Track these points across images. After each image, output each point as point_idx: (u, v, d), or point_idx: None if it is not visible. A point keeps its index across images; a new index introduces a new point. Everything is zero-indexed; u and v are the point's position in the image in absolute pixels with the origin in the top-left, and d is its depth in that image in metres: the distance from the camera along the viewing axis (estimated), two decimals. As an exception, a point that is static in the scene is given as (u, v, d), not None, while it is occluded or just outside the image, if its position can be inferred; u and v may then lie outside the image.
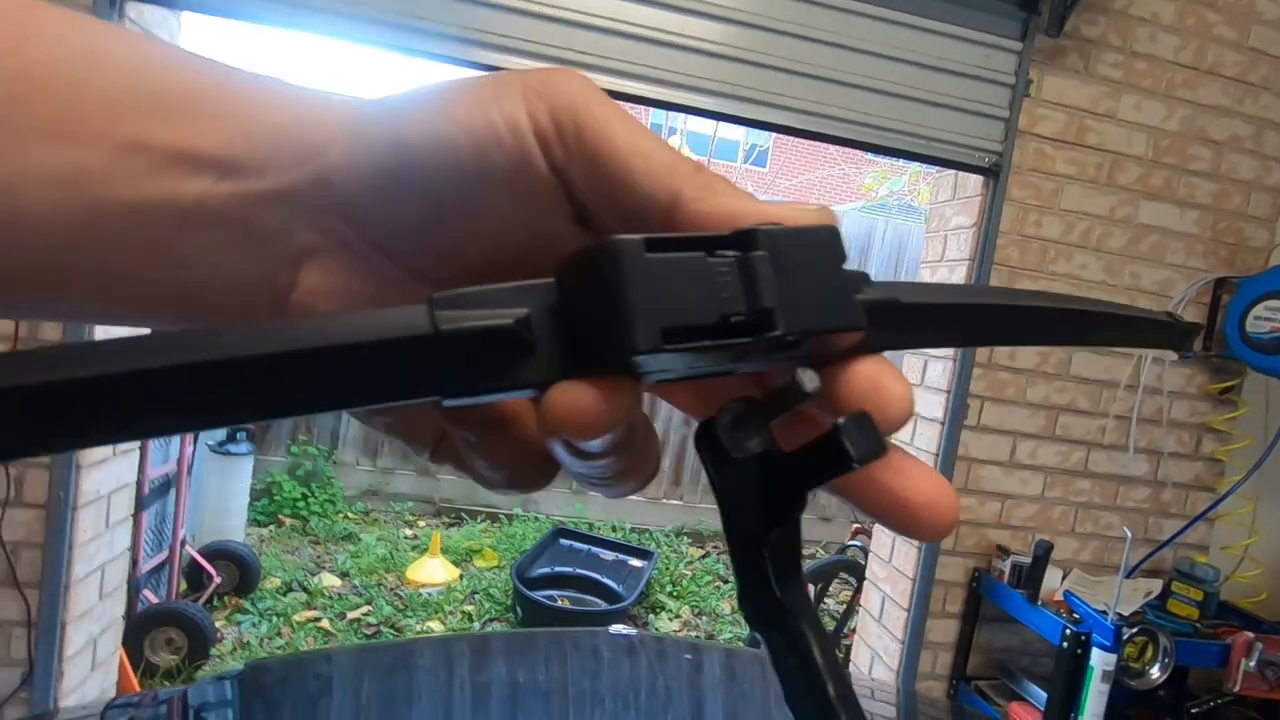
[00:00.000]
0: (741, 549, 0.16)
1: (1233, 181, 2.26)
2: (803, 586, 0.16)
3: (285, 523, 4.01)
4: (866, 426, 0.15)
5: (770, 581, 0.16)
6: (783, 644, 0.16)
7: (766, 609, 0.16)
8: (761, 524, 0.16)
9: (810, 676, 0.15)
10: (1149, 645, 1.79)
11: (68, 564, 1.71)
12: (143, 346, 0.12)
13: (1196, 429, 2.31)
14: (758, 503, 0.16)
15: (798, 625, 0.16)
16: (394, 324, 0.14)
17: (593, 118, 0.18)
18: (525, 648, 1.29)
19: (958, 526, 2.13)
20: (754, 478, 0.16)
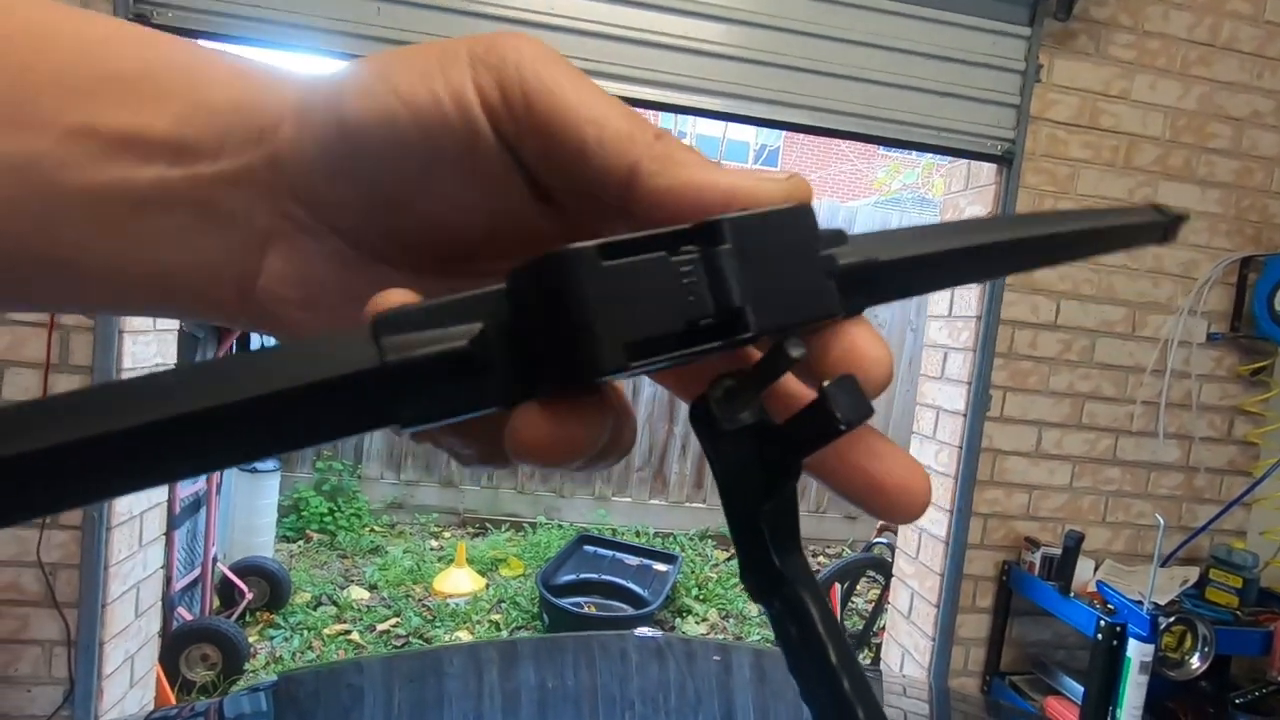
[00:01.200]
0: (740, 522, 0.16)
1: (1255, 158, 2.22)
2: (801, 556, 0.16)
3: (313, 538, 4.06)
4: (851, 389, 0.15)
5: (769, 552, 0.16)
6: (784, 613, 0.16)
7: (766, 579, 0.16)
8: (758, 496, 0.16)
9: (811, 643, 0.16)
10: (1187, 635, 1.75)
11: (104, 583, 1.74)
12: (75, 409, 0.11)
13: (1228, 412, 2.26)
14: (753, 475, 0.16)
15: (797, 593, 0.16)
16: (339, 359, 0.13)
17: (541, 84, 0.16)
18: (553, 653, 1.30)
19: (985, 519, 2.10)
20: (748, 450, 0.16)
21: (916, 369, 3.26)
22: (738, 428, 0.16)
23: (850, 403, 0.15)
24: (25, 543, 1.69)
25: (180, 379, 0.12)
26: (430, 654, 1.80)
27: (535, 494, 4.70)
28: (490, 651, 1.40)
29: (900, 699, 1.40)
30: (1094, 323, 2.18)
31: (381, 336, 0.14)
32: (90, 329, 1.69)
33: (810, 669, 0.16)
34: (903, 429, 4.41)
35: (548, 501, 4.70)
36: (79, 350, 1.69)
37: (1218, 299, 2.23)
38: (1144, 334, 2.21)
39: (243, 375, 0.13)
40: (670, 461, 4.82)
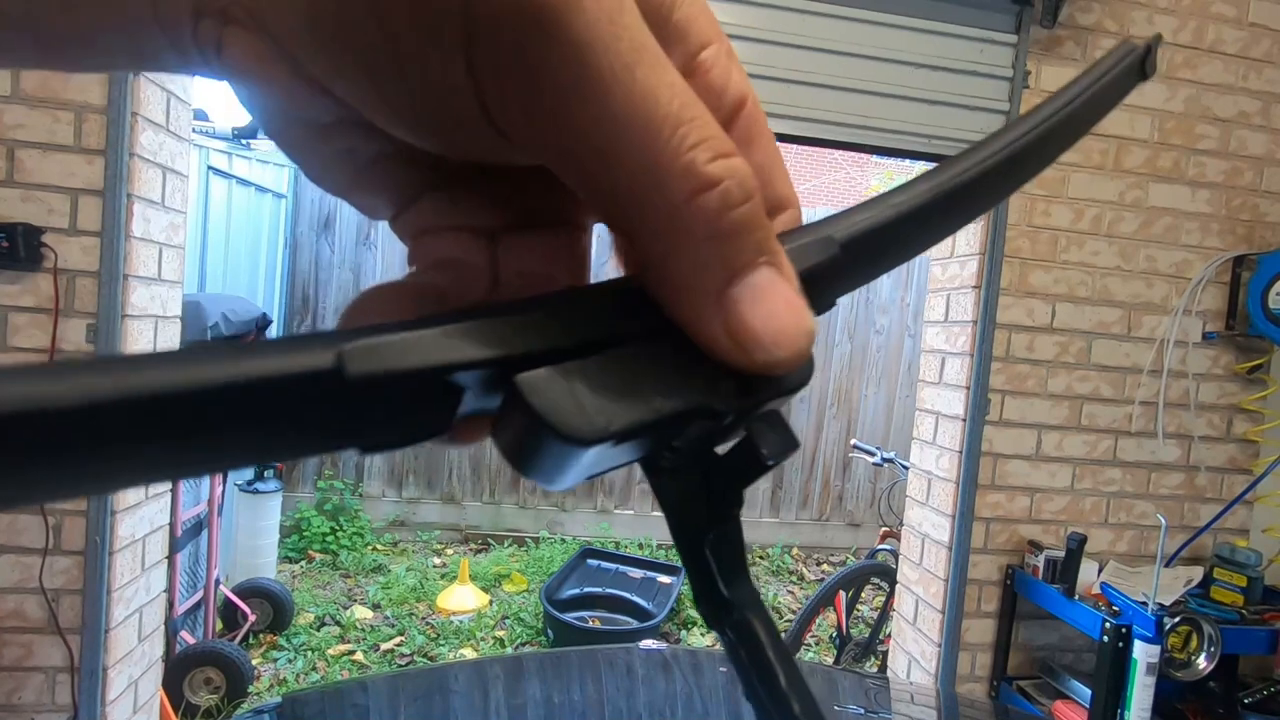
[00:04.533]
0: (688, 552, 0.17)
1: (1243, 158, 2.24)
2: (748, 582, 0.17)
3: (315, 558, 4.04)
4: (777, 425, 0.16)
5: (716, 580, 0.16)
6: (734, 640, 0.16)
7: (716, 607, 0.16)
8: (702, 525, 0.16)
9: (762, 667, 0.16)
10: (1193, 635, 1.74)
11: (107, 608, 1.74)
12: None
13: (1226, 410, 2.27)
14: (698, 507, 0.16)
15: (746, 619, 0.16)
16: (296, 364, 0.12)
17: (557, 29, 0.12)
18: (559, 668, 1.29)
19: (988, 524, 2.10)
20: (690, 482, 0.16)
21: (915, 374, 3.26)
22: (680, 462, 0.16)
23: (776, 440, 0.16)
24: (28, 569, 1.69)
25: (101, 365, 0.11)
26: (435, 671, 1.79)
27: (537, 509, 4.69)
28: (495, 668, 1.39)
29: (909, 706, 1.39)
30: (1090, 324, 2.19)
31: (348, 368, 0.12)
32: (91, 354, 1.70)
33: (762, 692, 0.16)
34: (903, 435, 4.41)
35: (550, 516, 4.69)
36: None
37: (1212, 298, 2.24)
38: (1140, 335, 2.22)
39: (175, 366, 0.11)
40: (672, 473, 4.81)
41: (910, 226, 0.18)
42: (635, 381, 0.14)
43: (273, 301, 4.04)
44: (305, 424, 0.12)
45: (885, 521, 3.13)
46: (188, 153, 1.99)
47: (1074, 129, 0.21)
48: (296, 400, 0.12)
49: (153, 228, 1.83)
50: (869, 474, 4.94)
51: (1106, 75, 0.21)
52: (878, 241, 0.17)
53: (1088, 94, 0.20)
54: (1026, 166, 0.20)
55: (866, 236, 0.17)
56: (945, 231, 0.19)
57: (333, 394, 0.12)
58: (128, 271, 1.74)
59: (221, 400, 0.11)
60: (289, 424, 0.12)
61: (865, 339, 5.00)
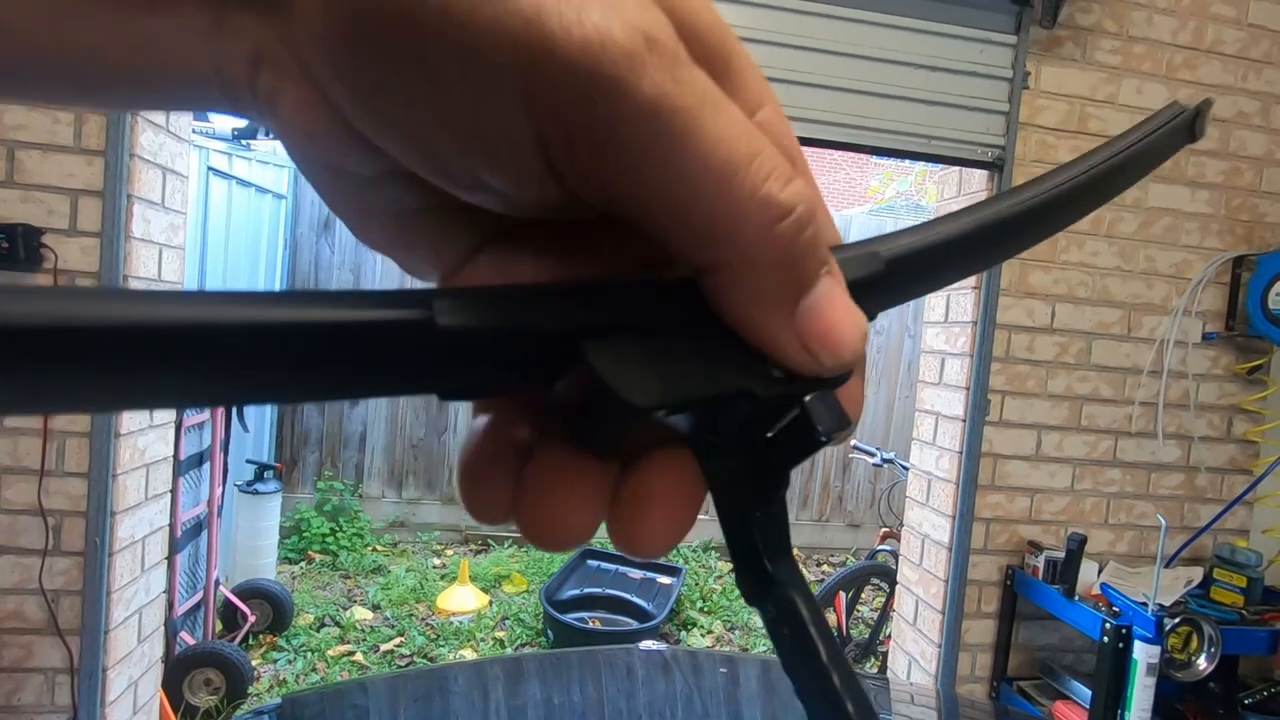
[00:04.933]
0: (733, 530, 0.17)
1: (1243, 158, 2.24)
2: (791, 560, 0.17)
3: (315, 558, 4.04)
4: (831, 403, 0.16)
5: (761, 557, 0.17)
6: (777, 615, 0.17)
7: (760, 583, 0.17)
8: (750, 505, 0.17)
9: (804, 643, 0.16)
10: (1193, 635, 1.74)
11: (106, 609, 1.74)
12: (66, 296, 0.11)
13: (1226, 411, 2.27)
14: (745, 485, 0.17)
15: (789, 595, 0.16)
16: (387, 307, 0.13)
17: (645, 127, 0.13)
18: (559, 668, 1.29)
19: (988, 524, 2.10)
20: (739, 462, 0.17)
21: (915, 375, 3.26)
22: (728, 444, 0.16)
23: (830, 416, 0.16)
24: (28, 570, 1.69)
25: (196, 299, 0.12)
26: (435, 672, 1.79)
27: (537, 509, 4.69)
28: (495, 668, 1.39)
29: (909, 707, 1.39)
30: (1090, 325, 2.19)
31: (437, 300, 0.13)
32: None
33: (803, 667, 0.16)
34: (903, 435, 4.41)
35: (550, 516, 4.69)
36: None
37: (1212, 299, 2.24)
38: (1140, 335, 2.22)
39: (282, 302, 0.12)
40: (672, 473, 4.81)
41: (952, 253, 0.19)
42: (690, 362, 0.15)
43: (272, 302, 4.04)
44: (396, 367, 0.14)
45: (885, 522, 3.13)
46: (188, 153, 1.99)
47: (1118, 181, 0.22)
48: (389, 344, 0.13)
49: (153, 228, 1.83)
50: (869, 475, 4.93)
51: (1155, 133, 0.22)
52: (920, 263, 0.18)
53: (1135, 148, 0.21)
54: (1066, 211, 0.21)
55: (910, 257, 0.18)
56: (983, 263, 0.20)
57: (422, 342, 0.13)
58: (128, 272, 1.74)
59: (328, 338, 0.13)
60: (384, 366, 0.14)
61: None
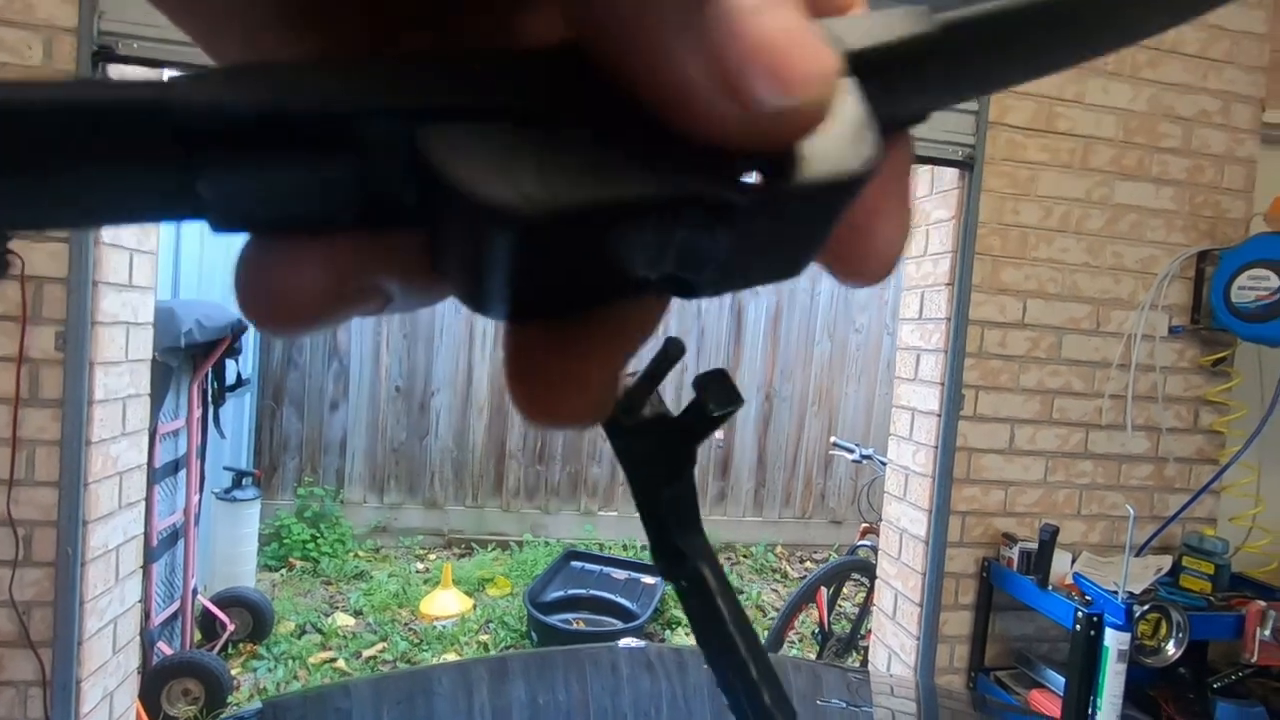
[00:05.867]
0: (646, 506, 0.18)
1: (1205, 156, 2.30)
2: (701, 536, 0.18)
3: (296, 565, 4.00)
4: (721, 381, 0.17)
5: (672, 533, 0.18)
6: (689, 589, 0.18)
7: (672, 558, 0.18)
8: (659, 481, 0.18)
9: (712, 611, 0.17)
10: (1162, 622, 1.78)
11: (79, 620, 1.71)
12: None
13: (1193, 402, 2.32)
14: (656, 464, 0.18)
15: (698, 568, 0.17)
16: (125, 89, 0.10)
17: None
18: (543, 668, 1.29)
19: (964, 518, 2.13)
20: (650, 442, 0.17)
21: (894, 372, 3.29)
22: (639, 423, 0.17)
23: (721, 394, 0.17)
24: (-3, 582, 1.66)
25: None
26: (419, 674, 1.78)
27: (520, 511, 4.68)
28: (480, 669, 1.39)
29: (889, 699, 1.41)
30: (1060, 320, 2.23)
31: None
32: (60, 361, 1.67)
33: (712, 637, 0.17)
34: (883, 432, 4.47)
35: (533, 518, 4.68)
36: (49, 384, 1.68)
37: (1177, 293, 2.30)
38: (1108, 329, 2.26)
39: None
40: (655, 473, 4.83)
41: (1034, 27, 0.13)
42: (596, 158, 0.10)
43: (249, 307, 4.00)
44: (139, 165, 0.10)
45: (865, 518, 3.16)
46: (158, 157, 1.97)
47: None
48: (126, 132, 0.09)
49: (123, 233, 1.80)
50: (850, 471, 4.98)
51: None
52: (990, 34, 0.13)
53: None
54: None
55: (978, 24, 0.12)
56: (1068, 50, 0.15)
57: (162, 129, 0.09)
58: (97, 278, 1.71)
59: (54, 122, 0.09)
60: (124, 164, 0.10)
61: (845, 337, 5.05)
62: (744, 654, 0.17)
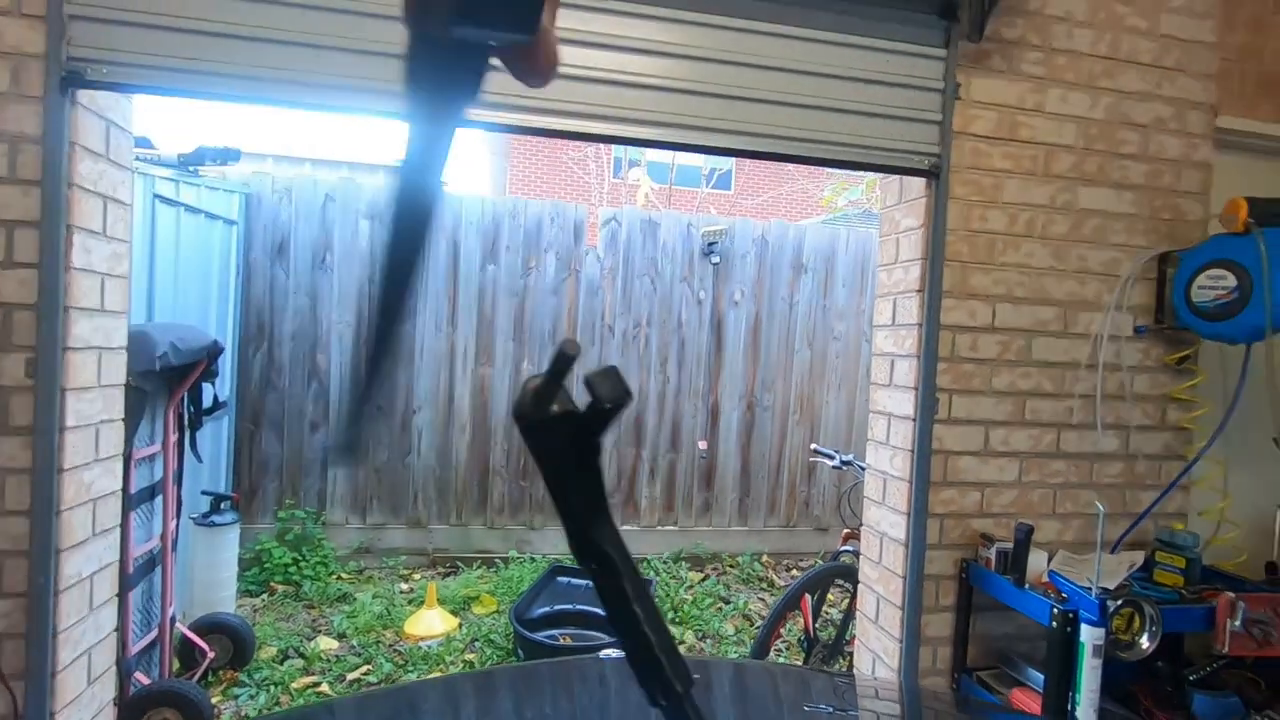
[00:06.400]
0: (559, 497, 0.20)
1: (1162, 160, 2.37)
2: (610, 523, 0.20)
3: (277, 590, 3.94)
4: (611, 376, 0.19)
5: (580, 520, 0.19)
6: (597, 570, 0.19)
7: (581, 543, 0.19)
8: (568, 471, 0.19)
9: (618, 592, 0.19)
10: (1135, 616, 1.82)
11: (52, 651, 1.68)
12: None
13: (1160, 400, 2.38)
14: (564, 455, 0.19)
15: (606, 553, 0.19)
16: None
17: None
18: (530, 682, 1.29)
19: (942, 520, 2.16)
20: (558, 435, 0.19)
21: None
22: (549, 418, 0.19)
23: (610, 388, 0.18)
24: (-33, 614, 1.63)
25: None
26: (404, 691, 1.76)
27: (505, 528, 4.65)
28: (466, 685, 1.38)
29: (874, 702, 1.42)
30: (1029, 323, 2.28)
31: None
32: (30, 388, 1.65)
33: (619, 614, 0.19)
34: (864, 437, 4.50)
35: (518, 535, 4.66)
36: (19, 411, 1.65)
37: (1141, 294, 2.36)
38: (1076, 331, 2.32)
39: None
40: (640, 486, 4.83)
41: None
42: None
43: (226, 329, 3.96)
44: None
45: (846, 523, 3.19)
46: (130, 181, 1.96)
47: None
48: None
49: (94, 258, 1.79)
50: (833, 478, 5.01)
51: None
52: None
53: None
54: None
55: None
56: None
57: None
58: (68, 303, 1.70)
59: None
60: None
61: (824, 346, 5.10)
62: (646, 630, 0.18)
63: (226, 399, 3.75)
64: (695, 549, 4.85)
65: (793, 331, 5.04)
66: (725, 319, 4.92)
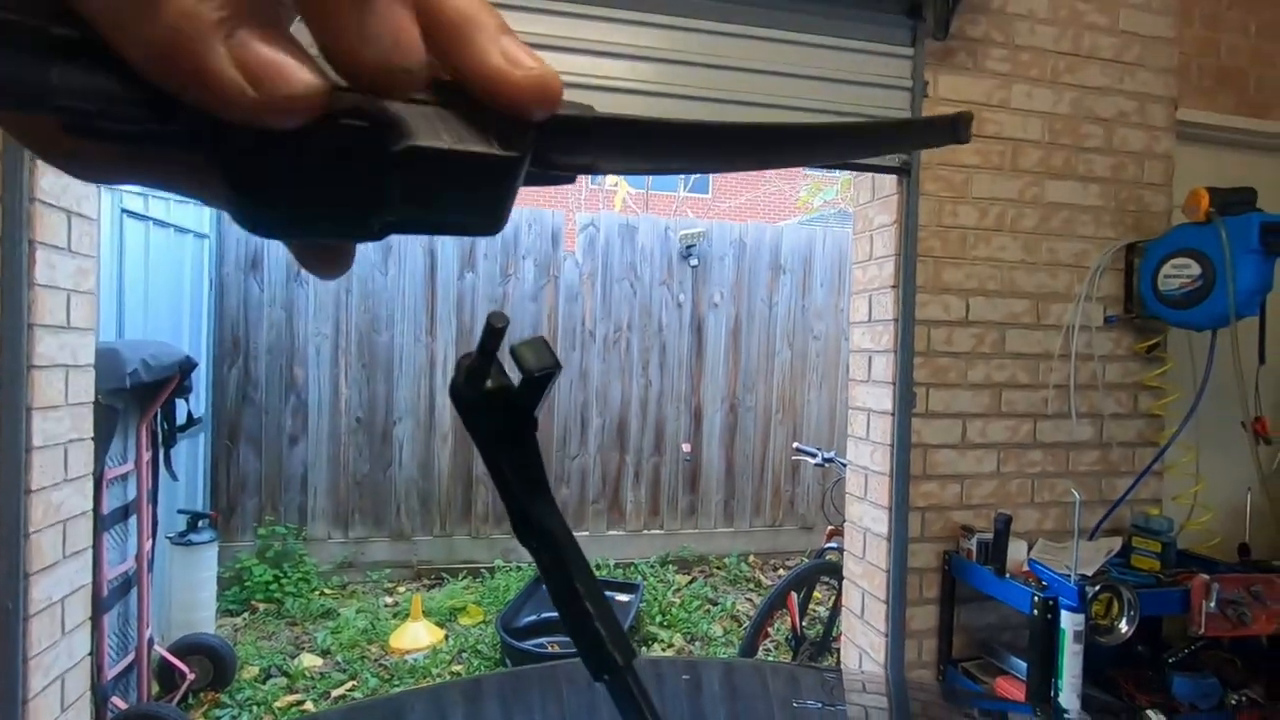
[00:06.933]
0: (498, 475, 0.19)
1: (1126, 153, 2.42)
2: (549, 500, 0.19)
3: (259, 608, 3.88)
4: (537, 346, 0.19)
5: (518, 498, 0.19)
6: (539, 550, 0.19)
7: (521, 521, 0.19)
8: (505, 448, 0.19)
9: (558, 569, 0.18)
10: (1114, 601, 1.84)
11: (24, 678, 1.64)
12: None
13: (1131, 388, 2.42)
14: (499, 431, 0.19)
15: (545, 529, 0.19)
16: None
17: None
18: (518, 688, 1.28)
19: (923, 513, 2.17)
20: (493, 412, 0.19)
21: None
22: (483, 394, 0.19)
23: (535, 358, 0.18)
24: (-68, 643, 1.58)
25: None
26: (391, 701, 1.73)
27: (490, 538, 4.62)
28: (453, 693, 1.36)
29: (861, 695, 1.43)
30: (1002, 316, 2.31)
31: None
32: (-6, 409, 1.61)
33: (560, 590, 0.18)
34: (845, 435, 4.54)
35: (503, 544, 4.62)
36: None
37: (1110, 284, 2.40)
38: (1048, 322, 2.35)
39: None
40: (625, 491, 4.82)
41: (657, 136, 0.21)
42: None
43: (200, 344, 3.90)
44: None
45: (831, 520, 3.20)
46: (95, 195, 1.93)
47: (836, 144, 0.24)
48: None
49: (58, 274, 1.76)
50: (817, 476, 5.04)
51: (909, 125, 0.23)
52: (629, 130, 0.20)
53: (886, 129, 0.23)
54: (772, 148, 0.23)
55: (622, 121, 0.20)
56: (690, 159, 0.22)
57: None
58: (33, 320, 1.67)
59: None
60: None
61: (804, 346, 5.13)
62: (587, 604, 0.18)
63: (201, 415, 3.69)
64: (681, 552, 4.85)
65: (773, 332, 5.07)
66: (705, 321, 4.94)
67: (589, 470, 4.74)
